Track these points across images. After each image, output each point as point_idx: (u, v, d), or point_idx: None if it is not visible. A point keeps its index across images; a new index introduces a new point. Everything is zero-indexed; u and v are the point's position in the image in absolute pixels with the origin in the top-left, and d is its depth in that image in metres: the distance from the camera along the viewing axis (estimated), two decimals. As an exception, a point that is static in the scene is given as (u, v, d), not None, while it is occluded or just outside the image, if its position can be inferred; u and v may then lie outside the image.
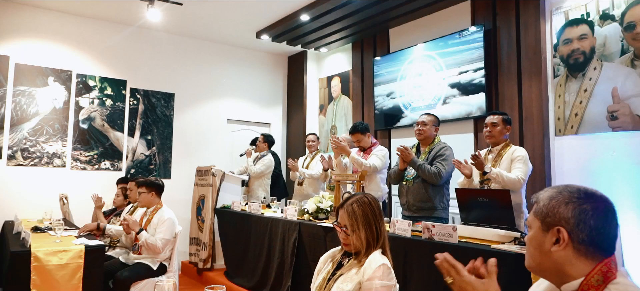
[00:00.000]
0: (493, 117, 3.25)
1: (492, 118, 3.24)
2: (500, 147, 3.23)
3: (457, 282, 1.23)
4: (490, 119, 3.25)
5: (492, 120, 3.24)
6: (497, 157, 3.19)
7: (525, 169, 3.06)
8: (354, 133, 4.10)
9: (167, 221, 3.77)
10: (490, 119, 3.25)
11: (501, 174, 3.00)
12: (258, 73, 7.15)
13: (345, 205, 1.91)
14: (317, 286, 1.93)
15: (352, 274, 1.83)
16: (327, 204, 3.67)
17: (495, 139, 3.23)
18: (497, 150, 3.23)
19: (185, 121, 6.39)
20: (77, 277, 3.11)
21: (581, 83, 3.90)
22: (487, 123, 3.26)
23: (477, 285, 1.21)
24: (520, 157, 3.09)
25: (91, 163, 5.64)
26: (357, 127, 4.10)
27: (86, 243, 3.24)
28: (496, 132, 3.21)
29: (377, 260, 1.83)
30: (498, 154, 3.20)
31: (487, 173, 3.01)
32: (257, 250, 4.24)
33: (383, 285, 1.77)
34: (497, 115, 3.24)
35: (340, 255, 1.99)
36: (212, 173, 5.29)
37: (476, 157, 3.04)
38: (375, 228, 1.89)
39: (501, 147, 3.23)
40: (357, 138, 4.08)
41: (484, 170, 3.03)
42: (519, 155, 3.10)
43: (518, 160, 3.07)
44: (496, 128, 3.22)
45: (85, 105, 5.64)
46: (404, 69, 5.40)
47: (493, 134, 3.21)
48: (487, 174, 3.02)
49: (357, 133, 4.08)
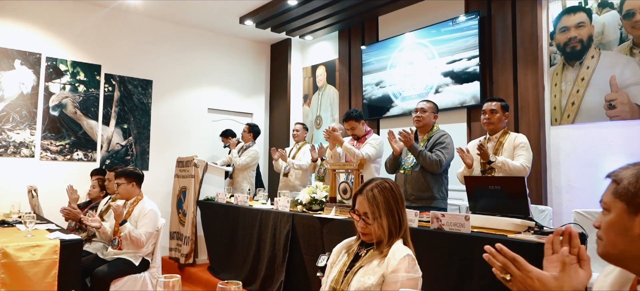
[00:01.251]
0: (492, 103, 3.15)
1: (490, 105, 3.14)
2: (500, 135, 3.15)
3: (519, 279, 1.02)
4: (488, 106, 3.15)
5: (490, 107, 3.14)
6: (498, 145, 3.10)
7: (529, 156, 2.98)
8: (347, 121, 3.93)
9: (149, 213, 3.51)
10: (488, 106, 3.15)
11: (506, 162, 2.91)
12: (240, 61, 6.89)
13: (364, 191, 1.74)
14: (332, 280, 1.75)
15: (373, 266, 1.67)
16: (321, 194, 3.49)
17: (494, 126, 3.14)
18: (497, 137, 3.15)
19: (164, 110, 6.08)
20: (52, 274, 2.83)
21: (578, 72, 3.85)
22: (486, 111, 3.16)
23: (550, 282, 1.00)
24: (523, 143, 3.01)
25: (62, 153, 5.27)
26: (351, 114, 3.93)
27: (61, 238, 2.96)
28: (495, 120, 3.12)
29: (402, 251, 1.67)
30: (498, 142, 3.12)
31: (492, 162, 2.91)
32: (245, 244, 4.03)
33: (409, 278, 1.61)
34: (496, 102, 3.15)
35: (357, 245, 1.81)
36: (195, 163, 5.03)
37: (482, 147, 2.94)
38: (398, 216, 1.73)
39: (500, 135, 3.15)
40: (351, 125, 3.92)
41: (489, 159, 2.92)
42: (521, 142, 3.02)
43: (521, 147, 2.99)
44: (495, 115, 3.13)
45: (56, 91, 5.26)
46: (394, 58, 5.26)
47: (492, 121, 3.12)
48: (491, 163, 2.92)
49: (351, 121, 3.91)
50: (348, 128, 3.95)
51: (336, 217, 3.13)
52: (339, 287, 1.71)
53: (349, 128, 3.94)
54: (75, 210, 3.72)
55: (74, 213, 3.69)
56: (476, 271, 2.28)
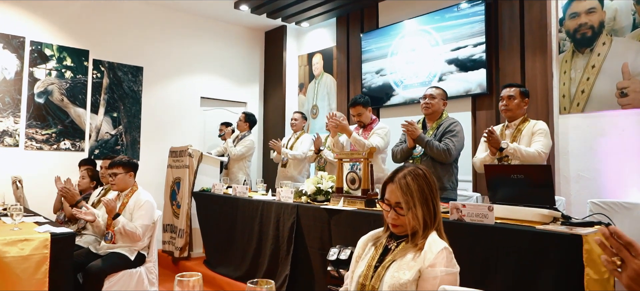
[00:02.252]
0: (509, 89, 3.01)
1: (508, 91, 3.00)
2: (519, 122, 3.00)
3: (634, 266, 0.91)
4: (506, 92, 3.01)
5: (508, 92, 3.00)
6: (516, 132, 2.96)
7: (546, 142, 2.84)
8: (354, 106, 3.78)
9: (145, 204, 3.32)
10: (506, 92, 3.01)
11: (519, 149, 2.78)
12: (234, 49, 6.67)
13: (396, 179, 1.59)
14: (360, 275, 1.60)
15: (408, 260, 1.52)
16: (327, 185, 3.34)
17: (512, 113, 3.00)
18: (515, 125, 3.00)
19: (155, 98, 5.85)
20: (43, 271, 2.63)
21: (589, 59, 3.75)
22: (503, 97, 3.02)
23: None
24: (541, 130, 2.87)
25: (49, 143, 5.02)
26: (358, 100, 3.79)
27: (52, 231, 2.76)
28: (513, 106, 2.98)
29: (438, 244, 1.53)
30: (517, 129, 2.98)
31: (503, 148, 2.79)
32: (245, 237, 3.86)
33: (447, 273, 1.48)
34: (514, 88, 3.00)
35: (385, 238, 1.67)
36: (189, 153, 4.83)
37: (491, 133, 2.80)
38: (432, 205, 1.59)
39: (519, 122, 3.00)
40: (358, 111, 3.77)
41: (500, 146, 2.80)
42: (539, 128, 2.89)
43: (539, 133, 2.86)
44: (513, 101, 2.98)
45: (41, 77, 4.99)
46: (396, 45, 5.12)
47: (510, 108, 2.98)
48: (503, 150, 2.79)
49: (359, 106, 3.76)
50: (354, 115, 3.80)
51: (344, 208, 2.99)
52: (368, 283, 1.57)
53: (355, 115, 3.79)
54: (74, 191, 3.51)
55: (72, 193, 3.48)
56: (500, 265, 2.16)
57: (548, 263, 2.01)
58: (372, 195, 3.00)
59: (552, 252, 2.00)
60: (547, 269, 2.01)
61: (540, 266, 2.03)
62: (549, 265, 2.01)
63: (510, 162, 2.82)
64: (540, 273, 2.02)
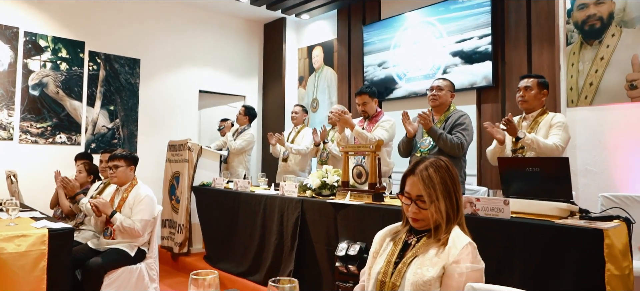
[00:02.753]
0: (527, 80, 2.93)
1: (525, 82, 2.92)
2: (537, 114, 2.91)
3: None
4: (523, 83, 2.93)
5: (525, 83, 2.92)
6: (533, 123, 2.88)
7: (564, 136, 2.75)
8: (361, 95, 3.71)
9: (145, 199, 3.23)
10: (523, 83, 2.93)
11: (537, 140, 2.69)
12: (232, 41, 6.55)
13: (417, 171, 1.51)
14: (379, 272, 1.53)
15: (430, 256, 1.45)
16: (332, 179, 3.26)
17: (529, 105, 2.91)
18: (533, 116, 2.92)
19: (152, 91, 5.73)
20: (40, 267, 2.54)
21: (597, 51, 3.69)
22: (520, 88, 2.95)
23: None
24: (560, 123, 2.79)
25: (44, 136, 4.90)
26: (365, 89, 3.73)
27: (50, 226, 2.66)
28: (529, 97, 2.89)
29: (462, 239, 1.46)
30: (534, 121, 2.89)
31: (520, 138, 2.71)
32: (247, 232, 3.77)
33: (473, 269, 1.40)
34: (532, 79, 2.92)
35: (405, 232, 1.59)
36: (188, 147, 4.73)
37: (509, 121, 2.72)
38: (455, 198, 1.51)
39: (538, 114, 2.91)
40: (363, 100, 3.69)
41: (517, 135, 2.72)
42: (558, 121, 2.80)
43: (557, 126, 2.77)
44: (530, 92, 2.90)
45: (36, 68, 4.86)
46: (399, 37, 5.03)
47: (526, 99, 2.90)
48: (520, 140, 2.71)
49: (365, 95, 3.69)
50: (359, 103, 3.73)
51: (352, 202, 2.91)
52: (388, 280, 1.49)
53: (361, 103, 3.71)
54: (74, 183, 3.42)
55: (72, 186, 3.37)
56: (517, 260, 2.09)
57: (568, 259, 1.95)
58: (379, 189, 2.93)
59: (572, 247, 1.94)
60: (566, 264, 1.95)
61: (560, 262, 1.96)
62: (568, 261, 1.94)
63: (525, 154, 2.75)
64: (559, 269, 1.96)
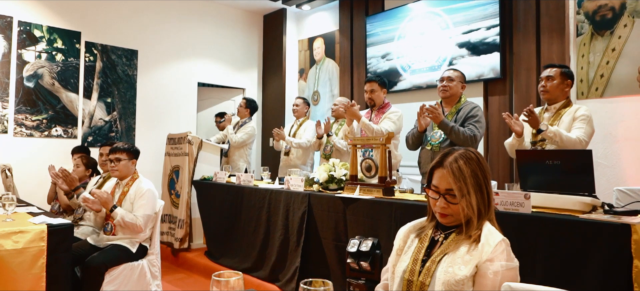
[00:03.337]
0: (549, 70, 2.80)
1: (547, 72, 2.81)
2: (560, 105, 2.79)
3: None
4: (545, 72, 2.81)
5: (546, 73, 2.80)
6: (556, 116, 2.77)
7: (588, 130, 2.64)
8: (370, 82, 3.64)
9: (147, 193, 3.11)
10: (545, 72, 2.81)
11: (560, 133, 2.59)
12: (231, 33, 6.43)
13: (446, 163, 1.42)
14: (405, 271, 1.44)
15: (462, 254, 1.36)
16: (340, 172, 3.17)
17: (550, 95, 2.79)
18: (555, 108, 2.80)
19: (150, 83, 5.60)
20: (39, 265, 2.43)
21: (609, 42, 3.61)
22: (542, 78, 2.85)
23: None
24: (583, 116, 2.67)
25: (40, 129, 4.77)
26: (375, 77, 3.69)
27: (48, 222, 2.55)
28: (551, 88, 2.77)
29: (495, 235, 1.37)
30: (556, 113, 2.78)
31: (542, 131, 2.61)
32: (251, 227, 3.68)
33: (508, 267, 1.32)
34: (555, 69, 2.79)
35: (431, 229, 1.50)
36: (189, 140, 4.62)
37: (531, 112, 2.62)
38: (486, 192, 1.42)
39: (560, 106, 2.79)
40: (372, 87, 3.62)
41: (539, 127, 2.62)
42: (582, 113, 2.68)
43: (580, 119, 2.66)
44: (552, 82, 2.77)
45: (31, 59, 4.72)
46: (403, 28, 4.94)
47: (547, 89, 2.78)
48: (542, 132, 2.61)
49: (374, 83, 3.62)
50: (367, 91, 3.65)
51: (361, 197, 2.82)
52: (416, 279, 1.40)
53: (368, 91, 3.64)
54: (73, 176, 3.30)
55: (71, 178, 3.26)
56: (539, 257, 2.02)
57: (593, 255, 1.87)
58: (390, 182, 2.84)
59: (598, 243, 1.86)
60: (592, 261, 1.87)
61: (585, 258, 1.89)
62: (594, 257, 1.87)
63: (544, 147, 2.67)
64: (584, 265, 1.88)
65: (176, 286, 3.82)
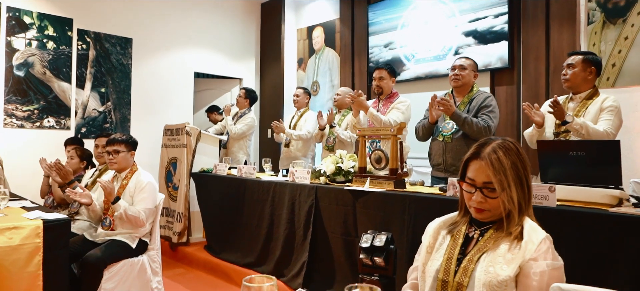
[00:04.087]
0: (572, 57, 2.67)
1: (569, 59, 2.68)
2: (585, 95, 2.66)
3: None
4: (567, 60, 2.70)
5: (568, 61, 2.68)
6: (581, 106, 2.65)
7: (616, 122, 2.52)
8: (379, 69, 3.55)
9: (147, 186, 2.99)
10: (567, 60, 2.70)
11: (586, 125, 2.47)
12: (228, 22, 6.26)
13: (484, 154, 1.31)
14: (438, 270, 1.34)
15: (503, 252, 1.26)
16: (348, 164, 3.06)
17: (572, 84, 2.66)
18: (581, 97, 2.67)
19: (146, 72, 5.43)
20: (35, 262, 2.30)
21: (621, 30, 3.52)
22: (564, 66, 2.74)
23: None
24: (611, 107, 2.54)
25: (31, 120, 4.59)
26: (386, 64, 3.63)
27: (44, 217, 2.42)
28: (572, 76, 2.64)
29: (538, 232, 1.27)
30: (582, 103, 2.65)
31: (567, 122, 2.50)
32: (254, 221, 3.57)
33: (554, 267, 1.22)
34: (577, 56, 2.66)
35: (464, 225, 1.40)
36: (187, 131, 4.48)
37: (556, 103, 2.51)
38: (527, 186, 1.32)
39: (586, 95, 2.66)
40: (381, 75, 3.53)
41: (565, 119, 2.52)
42: (609, 104, 2.55)
43: (608, 110, 2.53)
44: (573, 70, 2.65)
45: (21, 47, 4.54)
46: (407, 16, 4.82)
47: (568, 78, 2.66)
48: (567, 124, 2.51)
49: (383, 70, 3.53)
50: (376, 78, 3.55)
51: (372, 190, 2.72)
52: (451, 279, 1.30)
53: (377, 78, 3.54)
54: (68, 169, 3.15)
55: (65, 171, 3.11)
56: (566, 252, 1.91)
57: (623, 250, 1.79)
58: (402, 174, 2.74)
59: (629, 238, 1.77)
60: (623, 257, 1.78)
61: (616, 254, 1.80)
62: (624, 252, 1.78)
63: (568, 139, 2.57)
64: (616, 261, 1.80)
65: (176, 282, 3.70)
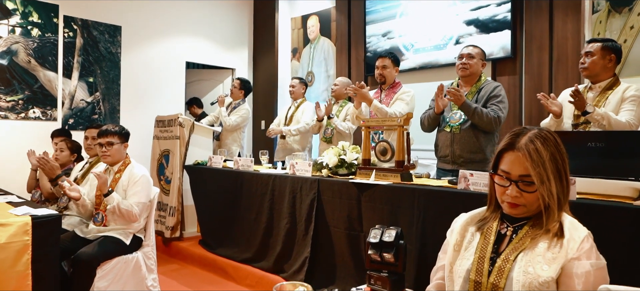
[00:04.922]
0: (590, 45, 2.57)
1: (587, 47, 2.58)
2: (605, 84, 2.56)
3: None
4: (585, 48, 2.60)
5: (587, 49, 2.58)
6: (601, 96, 2.55)
7: (639, 112, 2.42)
8: (382, 57, 3.45)
9: (141, 179, 2.85)
10: (585, 48, 2.60)
11: (608, 116, 2.37)
12: (220, 10, 6.08)
13: (520, 145, 1.21)
14: (469, 270, 1.24)
15: (542, 251, 1.16)
16: (351, 156, 2.95)
17: (589, 72, 2.57)
18: (601, 87, 2.57)
19: (135, 61, 5.25)
20: (24, 261, 2.16)
21: (627, 19, 3.46)
22: (581, 54, 2.65)
23: None
24: (634, 96, 2.44)
25: (15, 111, 4.39)
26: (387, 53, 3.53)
27: (32, 213, 2.27)
28: (590, 64, 2.54)
29: (579, 230, 1.18)
30: (602, 93, 2.55)
31: (588, 113, 2.41)
32: (252, 215, 3.45)
33: (598, 267, 1.13)
34: (597, 44, 2.56)
35: (496, 221, 1.30)
36: (180, 123, 4.33)
37: (577, 93, 2.41)
38: (565, 179, 1.23)
39: (606, 85, 2.56)
40: (384, 63, 3.43)
41: (586, 109, 2.42)
42: (631, 94, 2.45)
43: (630, 100, 2.43)
44: (591, 58, 2.54)
45: (4, 34, 4.32)
46: (405, 5, 4.71)
47: (586, 66, 2.56)
48: (588, 115, 2.41)
49: (386, 58, 3.43)
50: (379, 66, 3.45)
51: (378, 182, 2.62)
52: (485, 280, 1.20)
53: (380, 66, 3.44)
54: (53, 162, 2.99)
55: (51, 165, 2.95)
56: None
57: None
58: (409, 167, 2.65)
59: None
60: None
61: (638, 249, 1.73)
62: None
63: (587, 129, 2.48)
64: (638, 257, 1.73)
65: (172, 279, 3.57)
